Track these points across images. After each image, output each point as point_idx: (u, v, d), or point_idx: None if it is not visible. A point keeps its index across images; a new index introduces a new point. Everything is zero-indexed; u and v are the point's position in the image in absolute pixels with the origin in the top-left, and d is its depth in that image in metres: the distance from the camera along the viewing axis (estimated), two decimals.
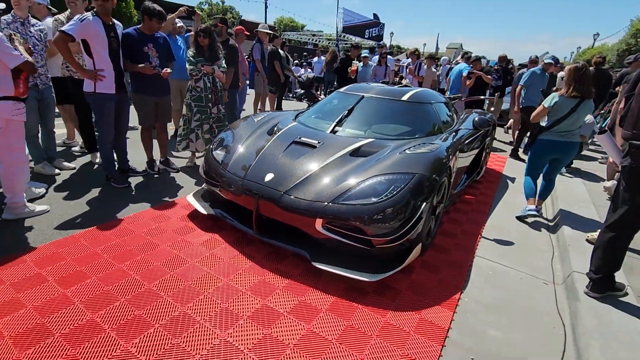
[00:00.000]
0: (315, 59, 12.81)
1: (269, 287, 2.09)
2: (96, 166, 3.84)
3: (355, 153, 2.69)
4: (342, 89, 3.98)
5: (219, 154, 2.88)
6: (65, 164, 3.72)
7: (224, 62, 3.99)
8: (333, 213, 2.19)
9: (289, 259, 2.39)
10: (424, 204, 2.30)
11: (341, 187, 2.31)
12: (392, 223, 2.17)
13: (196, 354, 1.58)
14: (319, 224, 2.24)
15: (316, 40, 31.13)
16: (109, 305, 1.82)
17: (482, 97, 6.18)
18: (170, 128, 4.75)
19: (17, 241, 2.32)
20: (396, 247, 2.24)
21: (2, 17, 2.99)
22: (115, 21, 3.19)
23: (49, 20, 3.56)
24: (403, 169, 2.40)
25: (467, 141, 3.53)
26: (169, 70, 3.42)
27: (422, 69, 7.61)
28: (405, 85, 4.23)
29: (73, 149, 4.30)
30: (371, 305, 2.01)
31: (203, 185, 3.01)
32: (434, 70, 7.83)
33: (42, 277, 1.98)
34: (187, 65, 3.77)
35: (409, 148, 2.71)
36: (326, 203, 2.22)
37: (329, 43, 29.20)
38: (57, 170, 3.55)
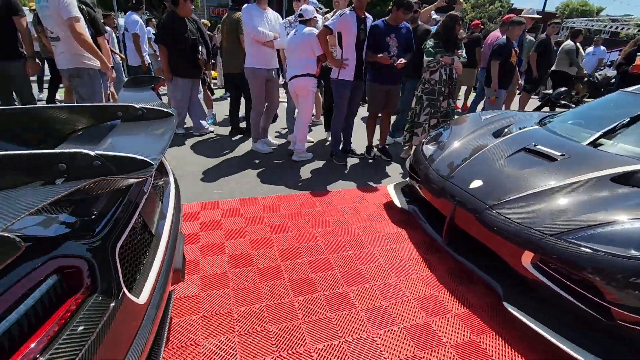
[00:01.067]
0: (591, 48, 9.32)
1: (439, 307, 1.84)
2: (327, 143, 4.56)
3: (623, 179, 1.86)
4: (629, 89, 2.84)
5: (428, 148, 2.75)
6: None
7: (464, 51, 3.70)
8: (554, 251, 1.62)
9: (474, 285, 2.00)
10: None
11: (580, 219, 1.67)
12: None
13: (342, 336, 1.61)
14: (527, 258, 1.73)
15: (616, 27, 23.72)
16: (294, 259, 2.14)
17: None
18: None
19: (266, 185, 3.12)
20: None
21: (287, 18, 3.98)
22: (367, 14, 3.56)
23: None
24: None
25: None
26: (403, 60, 3.52)
27: None
28: None
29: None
30: None
31: (407, 179, 2.97)
32: None
33: (262, 220, 2.58)
34: (424, 57, 3.75)
35: None
36: (548, 235, 1.67)
37: (637, 30, 21.58)
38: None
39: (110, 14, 6.78)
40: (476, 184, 2.12)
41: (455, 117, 3.86)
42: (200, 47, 4.28)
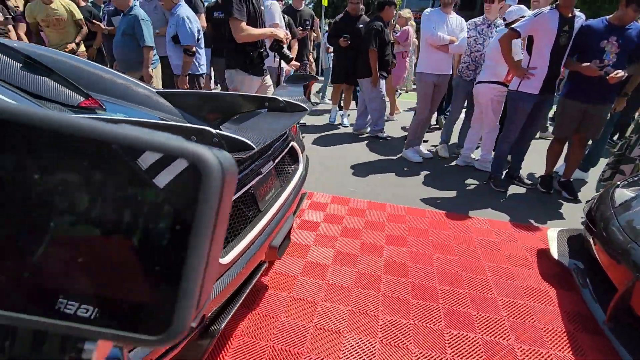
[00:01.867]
0: None
1: None
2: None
3: None
4: None
5: (624, 193, 2.04)
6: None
7: None
8: None
9: None
10: None
11: None
12: None
13: None
14: None
15: None
16: (398, 276, 2.03)
17: None
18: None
19: (401, 193, 3.07)
20: None
21: (473, 20, 3.64)
22: (577, 13, 2.88)
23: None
24: None
25: None
26: (621, 73, 2.67)
27: None
28: None
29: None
30: None
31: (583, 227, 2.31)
32: None
33: (382, 227, 2.54)
34: None
35: None
36: None
37: None
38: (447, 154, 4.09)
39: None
40: None
41: None
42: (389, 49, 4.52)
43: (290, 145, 1.95)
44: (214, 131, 1.16)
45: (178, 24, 2.97)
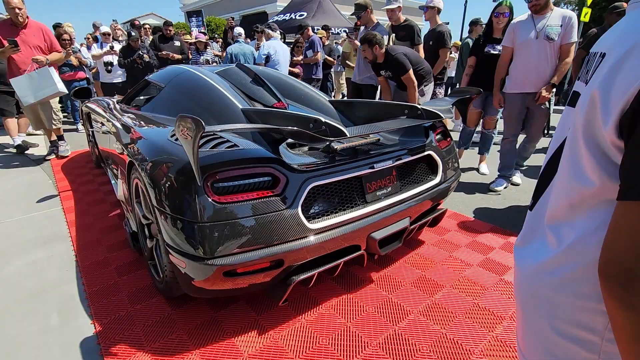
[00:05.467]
0: None
1: None
2: None
3: None
4: None
5: None
6: None
7: None
8: None
9: None
10: None
11: None
12: None
13: None
14: None
15: None
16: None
17: None
18: None
19: None
20: None
21: None
22: None
23: None
24: None
25: None
26: None
27: None
28: None
29: None
30: None
31: None
32: None
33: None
34: None
35: None
36: None
37: None
38: None
39: None
40: None
41: None
42: None
43: (425, 153, 2.03)
44: (323, 120, 1.53)
45: None
